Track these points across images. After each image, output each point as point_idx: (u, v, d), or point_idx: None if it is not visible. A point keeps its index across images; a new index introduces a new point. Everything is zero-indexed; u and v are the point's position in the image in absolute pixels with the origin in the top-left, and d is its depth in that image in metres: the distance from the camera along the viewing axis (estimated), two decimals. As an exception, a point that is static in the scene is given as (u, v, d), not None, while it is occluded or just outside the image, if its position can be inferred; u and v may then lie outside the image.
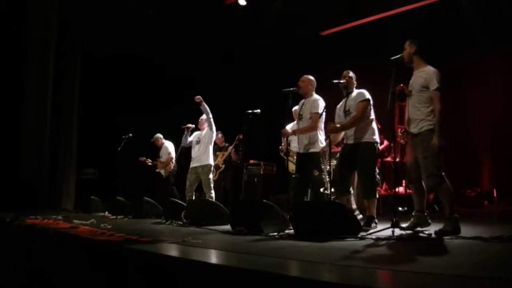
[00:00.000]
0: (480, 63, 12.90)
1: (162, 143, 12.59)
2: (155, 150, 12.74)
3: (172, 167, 12.33)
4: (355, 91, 7.10)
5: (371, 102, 6.98)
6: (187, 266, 3.82)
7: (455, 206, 5.62)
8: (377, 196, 7.05)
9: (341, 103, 7.15)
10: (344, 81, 7.07)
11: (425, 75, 5.89)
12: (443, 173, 5.69)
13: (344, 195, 6.95)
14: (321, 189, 7.28)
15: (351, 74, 7.23)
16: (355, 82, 7.22)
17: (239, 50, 15.44)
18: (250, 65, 15.77)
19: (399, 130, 6.47)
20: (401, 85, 6.25)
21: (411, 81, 6.12)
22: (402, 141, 6.62)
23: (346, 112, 7.00)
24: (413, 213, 6.15)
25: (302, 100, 7.80)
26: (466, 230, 5.60)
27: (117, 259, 4.63)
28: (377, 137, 6.99)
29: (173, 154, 12.28)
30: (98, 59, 14.59)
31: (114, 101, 14.77)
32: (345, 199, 6.95)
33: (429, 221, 6.05)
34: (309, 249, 4.66)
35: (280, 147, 9.79)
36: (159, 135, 12.61)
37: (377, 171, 7.02)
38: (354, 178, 7.75)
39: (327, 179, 7.35)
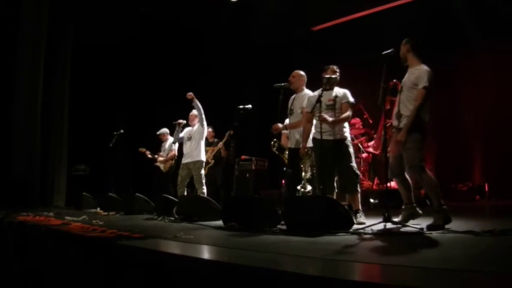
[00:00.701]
0: (472, 60, 12.94)
1: (167, 139, 12.51)
2: (156, 144, 12.72)
3: (173, 163, 12.31)
4: (340, 89, 7.25)
5: None
6: (179, 262, 3.83)
7: (443, 199, 5.65)
8: (359, 190, 7.21)
9: (321, 94, 6.86)
10: (336, 76, 7.13)
11: (417, 73, 5.94)
12: (424, 165, 5.78)
13: (331, 193, 7.00)
14: (298, 187, 7.26)
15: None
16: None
17: (231, 46, 15.39)
18: (242, 60, 15.73)
19: (387, 124, 6.50)
20: (395, 80, 6.26)
21: (404, 78, 6.15)
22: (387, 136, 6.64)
23: (329, 106, 7.07)
24: (402, 207, 6.18)
25: (293, 95, 7.86)
26: (458, 224, 5.64)
27: (109, 256, 4.63)
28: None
29: (176, 152, 12.27)
30: (88, 54, 14.52)
31: (105, 97, 14.75)
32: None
33: (420, 211, 6.08)
34: (301, 244, 4.66)
35: (272, 142, 9.74)
36: (166, 130, 12.53)
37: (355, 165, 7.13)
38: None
39: (308, 176, 7.31)
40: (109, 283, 4.45)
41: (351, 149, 7.12)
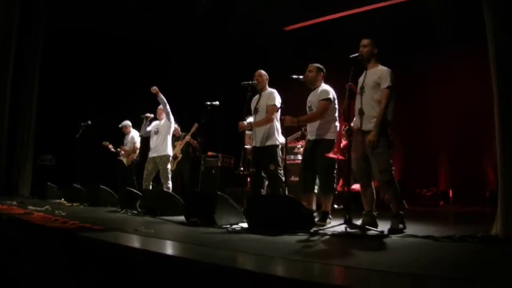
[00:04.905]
0: (440, 66, 13.01)
1: (129, 131, 12.47)
2: (120, 137, 12.67)
3: (135, 157, 12.24)
4: (320, 87, 7.05)
5: (335, 100, 7.00)
6: (137, 256, 3.80)
7: (407, 203, 5.69)
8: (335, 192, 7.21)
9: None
10: (303, 77, 7.06)
11: (379, 73, 5.98)
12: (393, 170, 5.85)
13: (310, 193, 6.95)
14: (280, 189, 7.21)
15: (314, 67, 7.17)
16: (319, 77, 7.14)
17: (202, 42, 15.31)
18: (211, 56, 15.67)
19: (343, 127, 6.50)
20: (350, 83, 6.19)
21: (362, 79, 6.14)
22: (344, 140, 6.63)
23: (309, 108, 7.04)
24: (363, 213, 6.16)
25: (257, 95, 7.82)
26: (419, 229, 5.73)
27: (69, 247, 4.60)
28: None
29: (138, 144, 12.20)
30: (59, 42, 14.30)
31: (74, 87, 14.59)
32: (309, 197, 6.94)
33: (377, 223, 6.05)
34: (260, 242, 4.70)
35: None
36: (128, 123, 12.48)
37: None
38: None
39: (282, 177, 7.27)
40: (72, 274, 4.41)
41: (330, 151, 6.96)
